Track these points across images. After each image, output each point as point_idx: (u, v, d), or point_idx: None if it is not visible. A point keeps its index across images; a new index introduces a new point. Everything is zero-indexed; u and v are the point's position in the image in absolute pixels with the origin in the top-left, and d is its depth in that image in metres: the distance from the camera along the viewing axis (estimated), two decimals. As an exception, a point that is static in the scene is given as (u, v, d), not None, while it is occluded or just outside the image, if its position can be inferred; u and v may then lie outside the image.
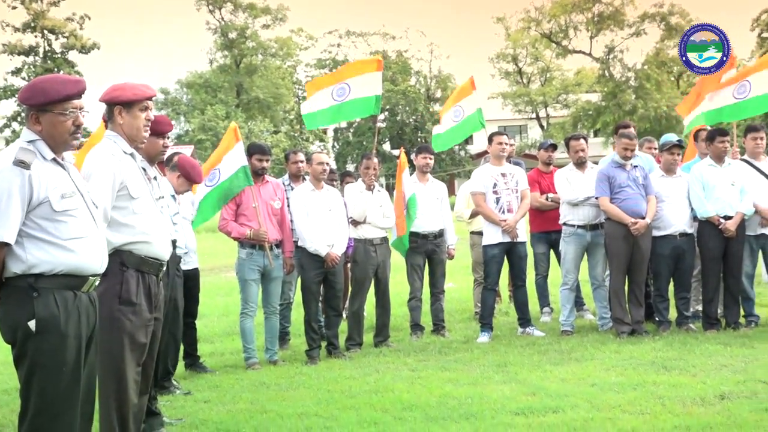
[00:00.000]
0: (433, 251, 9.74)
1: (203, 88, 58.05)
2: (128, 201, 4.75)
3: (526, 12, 57.45)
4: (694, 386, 6.57)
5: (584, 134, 10.45)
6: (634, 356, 7.82)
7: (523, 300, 9.48)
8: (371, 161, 9.22)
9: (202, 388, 7.50)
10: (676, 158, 9.23)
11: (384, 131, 55.28)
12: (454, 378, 7.35)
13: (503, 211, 9.23)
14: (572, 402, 6.26)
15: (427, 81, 60.81)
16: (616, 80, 55.29)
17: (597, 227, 9.31)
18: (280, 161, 32.15)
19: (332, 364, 8.35)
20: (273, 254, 8.44)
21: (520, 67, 62.82)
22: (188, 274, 7.84)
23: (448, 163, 53.79)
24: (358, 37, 61.05)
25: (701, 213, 8.97)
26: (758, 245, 9.16)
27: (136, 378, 4.83)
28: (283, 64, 62.75)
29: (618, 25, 55.11)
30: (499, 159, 9.46)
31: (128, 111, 4.83)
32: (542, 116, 62.19)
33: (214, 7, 59.34)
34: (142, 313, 4.81)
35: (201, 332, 9.49)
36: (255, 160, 8.58)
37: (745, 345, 8.06)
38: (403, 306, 10.32)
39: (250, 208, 8.40)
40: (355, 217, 9.04)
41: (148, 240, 4.83)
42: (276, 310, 8.63)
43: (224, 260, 18.52)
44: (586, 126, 56.29)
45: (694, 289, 9.46)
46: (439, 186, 10.04)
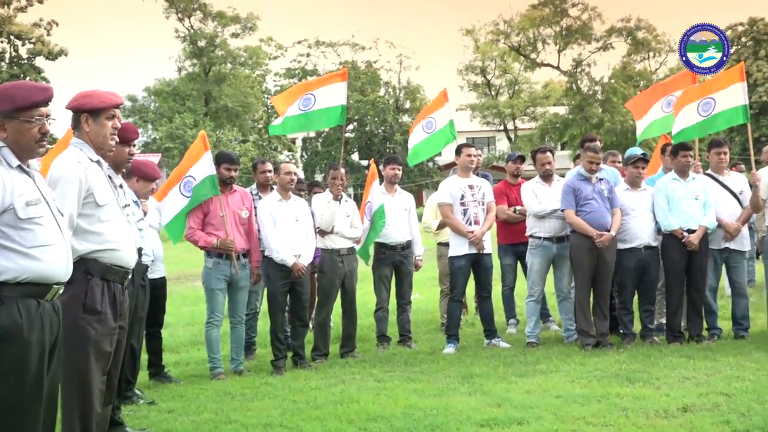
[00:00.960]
0: (401, 262, 9.76)
1: (171, 96, 57.74)
2: (94, 209, 4.73)
3: (494, 25, 57.84)
4: (658, 398, 6.63)
5: (551, 147, 10.51)
6: (599, 368, 7.87)
7: (488, 311, 9.51)
8: (338, 171, 9.22)
9: (167, 398, 7.45)
10: (641, 172, 9.33)
11: (353, 142, 55.33)
12: (420, 389, 7.36)
13: (470, 223, 9.27)
14: (537, 414, 6.29)
15: (396, 92, 60.92)
16: (584, 93, 55.78)
17: (563, 239, 9.38)
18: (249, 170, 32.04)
19: (298, 374, 8.33)
20: (240, 264, 8.42)
21: (489, 79, 63.18)
22: (155, 283, 7.80)
23: (416, 175, 53.88)
24: (328, 47, 61.08)
25: (665, 226, 9.06)
26: (722, 259, 9.27)
27: (100, 387, 4.80)
28: (252, 73, 62.58)
29: (585, 39, 55.66)
30: (467, 171, 9.50)
31: (95, 119, 4.81)
32: (510, 128, 62.54)
33: (184, 15, 59.08)
34: (107, 321, 4.78)
35: (166, 341, 9.44)
36: (223, 169, 8.55)
37: (707, 358, 8.14)
38: (369, 317, 10.32)
39: (218, 217, 8.37)
40: (322, 227, 9.04)
41: (115, 248, 4.80)
42: (242, 320, 8.60)
43: (191, 269, 18.44)
44: (554, 138, 56.69)
45: (658, 301, 9.54)
46: (407, 197, 10.07)
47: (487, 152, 58.83)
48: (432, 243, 11.12)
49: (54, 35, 50.79)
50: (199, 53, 59.24)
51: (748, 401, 6.37)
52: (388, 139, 56.30)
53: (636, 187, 9.31)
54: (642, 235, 9.14)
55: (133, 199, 6.50)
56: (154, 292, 7.72)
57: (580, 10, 55.40)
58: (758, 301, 10.60)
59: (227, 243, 8.29)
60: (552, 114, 58.66)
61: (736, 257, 9.27)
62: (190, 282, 17.46)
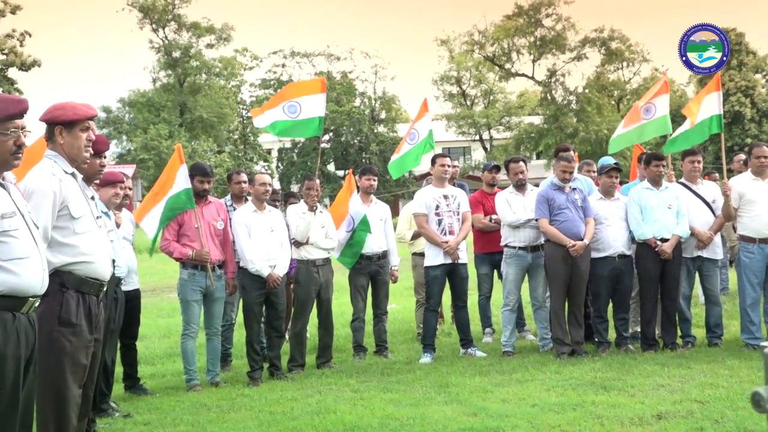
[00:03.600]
0: (377, 272, 9.77)
1: (146, 107, 57.55)
2: (69, 221, 4.71)
3: (469, 35, 58.09)
4: (632, 406, 6.67)
5: (524, 157, 10.54)
6: (574, 376, 7.91)
7: (464, 321, 9.53)
8: (313, 182, 9.22)
9: (142, 411, 7.42)
10: (614, 181, 9.40)
11: (328, 152, 55.28)
12: (396, 399, 7.37)
13: (445, 233, 9.30)
14: (513, 422, 6.31)
15: (372, 102, 60.99)
16: (558, 103, 56.14)
17: (538, 249, 9.42)
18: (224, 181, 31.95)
19: (274, 385, 8.31)
20: (215, 275, 8.40)
21: (464, 89, 63.36)
22: (129, 295, 7.76)
23: (392, 185, 53.95)
24: (303, 57, 61.09)
25: (638, 235, 9.13)
26: (695, 267, 9.34)
27: (76, 400, 4.77)
28: (228, 84, 62.50)
29: (560, 49, 56.04)
30: (442, 181, 9.53)
31: (69, 131, 4.80)
32: (485, 138, 62.75)
33: (158, 26, 58.93)
34: (83, 334, 4.76)
35: (142, 354, 9.40)
36: (197, 181, 8.54)
37: (681, 365, 8.20)
38: (345, 327, 10.32)
39: (193, 228, 8.36)
40: (297, 238, 9.04)
41: (89, 260, 4.79)
42: (218, 332, 8.58)
43: (167, 281, 18.36)
44: (529, 148, 57.01)
45: (633, 310, 9.61)
46: (383, 207, 10.08)
47: (463, 162, 58.98)
48: (407, 253, 11.14)
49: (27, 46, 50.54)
50: (173, 64, 59.08)
51: (722, 408, 6.43)
52: (364, 150, 56.32)
53: (609, 197, 9.38)
54: (616, 244, 9.20)
55: (103, 210, 6.43)
56: (128, 304, 7.69)
57: (554, 21, 55.84)
58: (731, 308, 10.71)
59: (202, 254, 8.27)
60: (527, 124, 58.95)
61: (709, 265, 9.35)
62: (165, 294, 17.37)
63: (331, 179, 52.81)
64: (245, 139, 61.33)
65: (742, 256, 9.00)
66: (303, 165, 53.87)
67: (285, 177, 55.58)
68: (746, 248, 8.96)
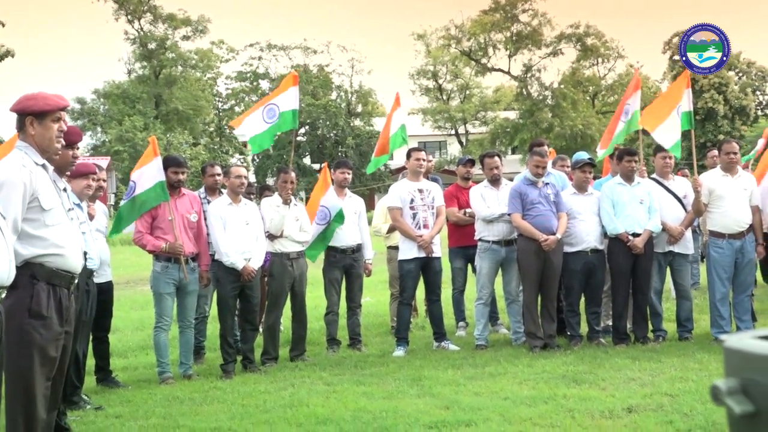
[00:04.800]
0: (351, 266, 9.78)
1: (121, 99, 57.11)
2: (40, 213, 4.68)
3: (446, 30, 58.18)
4: (603, 399, 6.73)
5: (498, 152, 10.55)
6: (546, 370, 7.96)
7: (438, 314, 9.56)
8: (288, 175, 9.22)
9: (114, 403, 7.39)
10: (588, 176, 9.46)
11: (304, 145, 55.22)
12: (369, 392, 7.38)
13: (419, 227, 9.32)
14: (485, 416, 6.34)
15: (348, 96, 60.95)
16: (534, 98, 56.37)
17: (512, 243, 9.46)
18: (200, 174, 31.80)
19: (247, 378, 8.31)
20: (189, 268, 8.38)
21: (440, 83, 63.48)
22: (101, 287, 7.73)
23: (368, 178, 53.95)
24: (280, 50, 60.92)
25: (610, 230, 9.19)
26: (666, 262, 9.42)
27: (45, 393, 4.74)
28: (204, 76, 62.14)
29: (535, 45, 56.25)
30: (417, 175, 9.54)
31: (40, 122, 4.76)
32: (461, 133, 62.88)
33: (134, 17, 58.49)
34: (53, 326, 4.73)
35: (114, 346, 9.36)
36: (171, 173, 8.49)
37: (652, 359, 8.28)
38: (319, 320, 10.32)
39: (166, 221, 8.32)
40: (271, 231, 9.03)
41: (60, 252, 4.75)
42: (191, 324, 8.56)
43: (140, 273, 18.27)
44: (504, 143, 57.21)
45: (605, 304, 9.67)
46: (357, 201, 10.09)
47: (439, 156, 59.10)
48: (382, 246, 11.16)
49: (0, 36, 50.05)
50: (149, 56, 58.69)
51: (692, 401, 6.49)
52: (340, 143, 56.29)
53: (583, 191, 9.43)
54: (588, 238, 9.26)
55: (75, 202, 6.39)
56: (100, 296, 7.66)
57: (531, 16, 56.06)
58: (702, 303, 10.80)
59: (176, 247, 8.24)
60: (502, 119, 59.16)
61: (680, 260, 9.44)
62: (139, 286, 17.29)
63: (306, 172, 52.73)
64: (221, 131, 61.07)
65: (711, 251, 9.08)
66: (278, 158, 53.73)
67: (260, 170, 55.42)
68: (716, 243, 9.05)
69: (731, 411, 2.26)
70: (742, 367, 2.29)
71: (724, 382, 2.29)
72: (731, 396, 2.26)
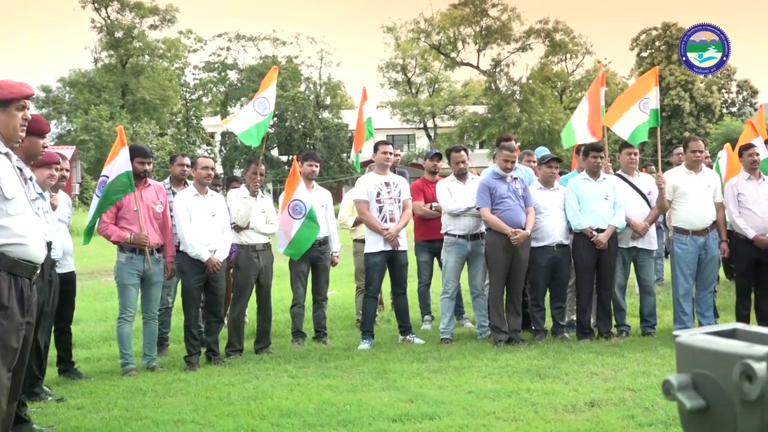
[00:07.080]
0: (318, 258, 9.75)
1: (87, 88, 56.63)
2: (2, 202, 4.62)
3: (415, 23, 58.21)
4: (566, 393, 6.77)
5: (465, 146, 10.55)
6: (510, 364, 8.00)
7: (403, 308, 9.57)
8: (259, 167, 9.18)
9: (76, 395, 7.33)
10: (554, 171, 9.51)
11: (272, 137, 55.01)
12: (334, 385, 7.38)
13: (386, 220, 9.32)
14: (449, 409, 6.36)
15: (317, 88, 60.84)
16: (502, 93, 56.56)
17: (477, 237, 9.49)
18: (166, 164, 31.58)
19: (211, 370, 8.27)
20: (153, 259, 8.31)
21: (409, 77, 63.52)
22: (63, 278, 7.66)
23: (335, 171, 53.91)
24: (248, 41, 60.72)
25: (575, 225, 9.25)
26: (630, 257, 9.49)
27: (6, 383, 4.69)
28: (171, 66, 61.79)
29: (505, 40, 56.47)
30: (384, 168, 9.54)
31: (4, 110, 4.70)
32: (430, 126, 62.96)
33: (100, 5, 57.99)
34: (14, 317, 4.67)
35: (77, 337, 9.29)
36: (136, 162, 8.40)
37: (615, 354, 8.34)
38: (285, 312, 10.30)
39: (131, 211, 8.25)
40: (238, 222, 8.99)
41: (23, 242, 4.69)
42: (155, 316, 8.49)
43: (104, 264, 18.12)
44: (473, 137, 57.36)
45: (569, 299, 9.74)
46: (324, 193, 10.07)
47: (407, 150, 59.15)
48: (348, 239, 11.14)
49: (-37, 23, 49.38)
50: (116, 44, 58.23)
51: (653, 396, 6.54)
52: (308, 135, 56.19)
53: (549, 187, 9.48)
54: (554, 233, 9.31)
55: (38, 191, 6.32)
56: (63, 287, 7.59)
57: (500, 11, 56.28)
58: (665, 299, 10.91)
59: (141, 238, 8.18)
60: (471, 113, 59.31)
61: (644, 256, 9.51)
62: (102, 277, 17.15)
63: (274, 164, 52.57)
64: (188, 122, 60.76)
65: (675, 247, 9.17)
66: (246, 149, 53.44)
67: (228, 161, 55.21)
68: (680, 240, 9.14)
69: (682, 406, 2.29)
70: (693, 362, 2.32)
71: (675, 377, 2.32)
72: (682, 391, 2.29)
